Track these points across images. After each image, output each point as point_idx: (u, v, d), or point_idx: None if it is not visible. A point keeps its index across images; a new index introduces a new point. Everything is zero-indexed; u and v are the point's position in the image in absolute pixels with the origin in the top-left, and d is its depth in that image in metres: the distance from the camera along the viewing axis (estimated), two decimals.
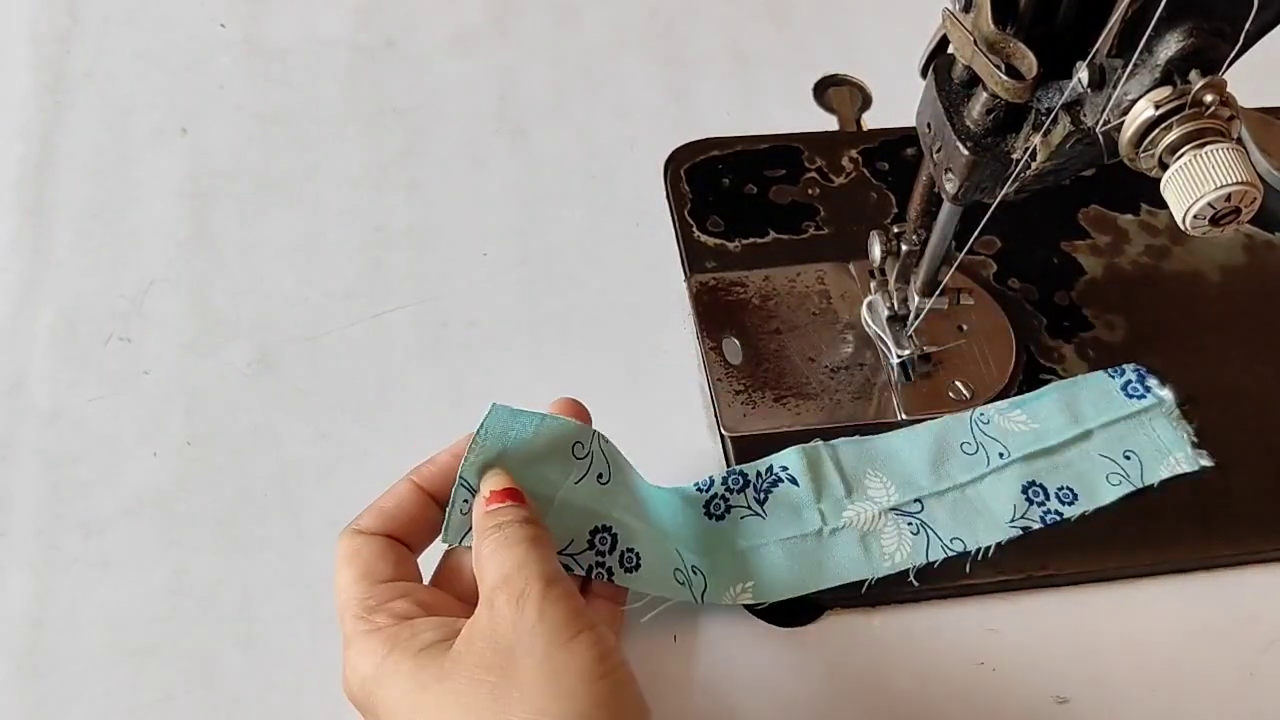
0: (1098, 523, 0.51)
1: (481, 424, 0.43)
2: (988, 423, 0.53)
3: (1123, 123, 0.38)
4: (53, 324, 0.55)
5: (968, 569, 0.50)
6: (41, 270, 0.56)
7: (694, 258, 0.58)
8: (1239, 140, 0.37)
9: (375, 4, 0.68)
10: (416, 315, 0.57)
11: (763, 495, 0.50)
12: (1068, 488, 0.51)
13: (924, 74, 0.45)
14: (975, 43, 0.40)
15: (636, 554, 0.45)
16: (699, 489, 0.50)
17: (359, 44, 0.66)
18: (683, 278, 0.58)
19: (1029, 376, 0.55)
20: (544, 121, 0.64)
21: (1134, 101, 0.37)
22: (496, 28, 0.68)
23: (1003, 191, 0.44)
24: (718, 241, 0.59)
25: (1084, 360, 0.56)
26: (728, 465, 0.52)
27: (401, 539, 0.43)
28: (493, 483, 0.43)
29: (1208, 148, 0.36)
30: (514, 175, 0.62)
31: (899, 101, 0.64)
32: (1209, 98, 0.36)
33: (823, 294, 0.57)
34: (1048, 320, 0.57)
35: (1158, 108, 0.37)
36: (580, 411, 0.46)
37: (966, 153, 0.43)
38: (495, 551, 0.40)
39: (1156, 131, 0.37)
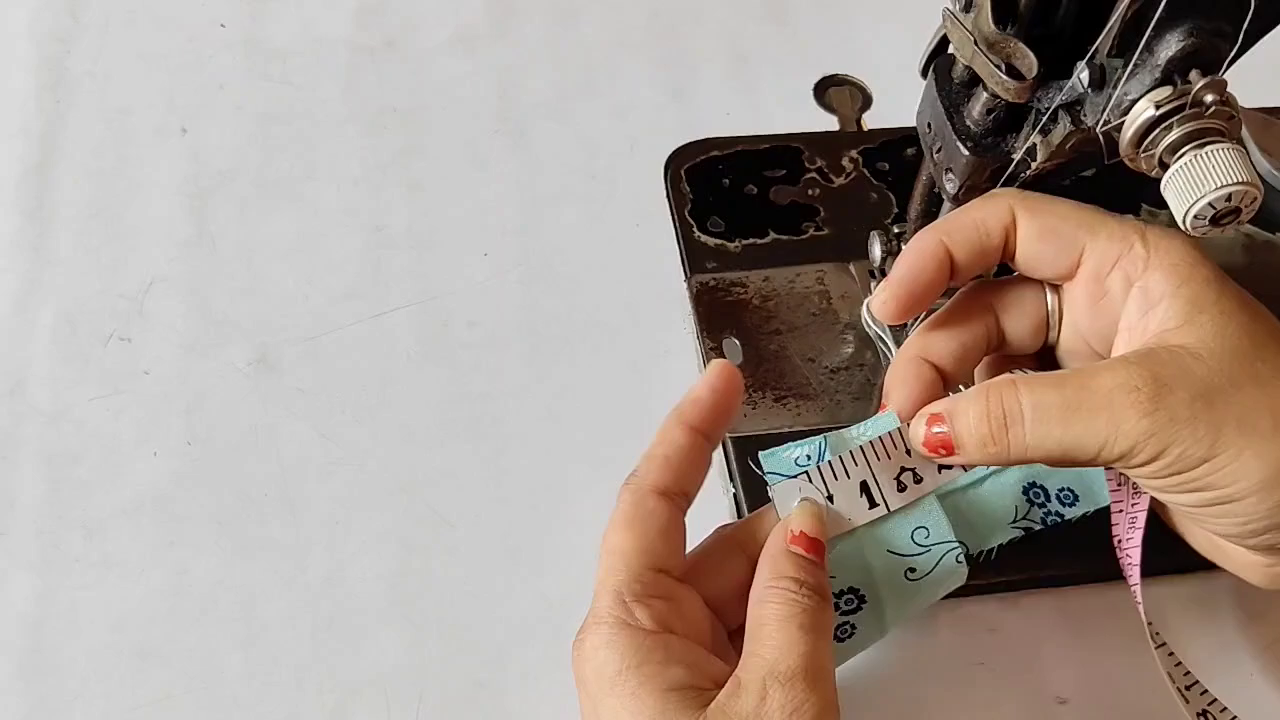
0: (1098, 523, 0.51)
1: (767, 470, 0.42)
2: None
3: (1123, 123, 0.38)
4: (53, 324, 0.55)
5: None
6: (41, 270, 0.56)
7: (694, 258, 0.58)
8: (1239, 140, 0.37)
9: (375, 4, 0.68)
10: (416, 315, 0.57)
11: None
12: (1068, 489, 0.50)
13: (924, 74, 0.45)
14: (975, 43, 0.40)
15: (853, 628, 0.43)
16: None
17: (359, 44, 0.66)
18: (683, 278, 0.58)
19: None
20: (544, 121, 0.64)
21: (1134, 101, 0.37)
22: (496, 28, 0.68)
23: None
24: (718, 241, 0.59)
25: None
26: (728, 466, 0.52)
27: (680, 490, 0.41)
28: (804, 522, 0.40)
29: (1208, 148, 0.36)
30: (514, 175, 0.62)
31: (899, 101, 0.64)
32: (1209, 98, 0.36)
33: (823, 294, 0.57)
34: None
35: (1158, 108, 0.37)
36: (732, 381, 0.43)
37: (967, 153, 0.43)
38: (781, 625, 0.38)
39: (1157, 131, 0.37)
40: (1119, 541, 0.45)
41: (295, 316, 0.56)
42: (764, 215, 0.60)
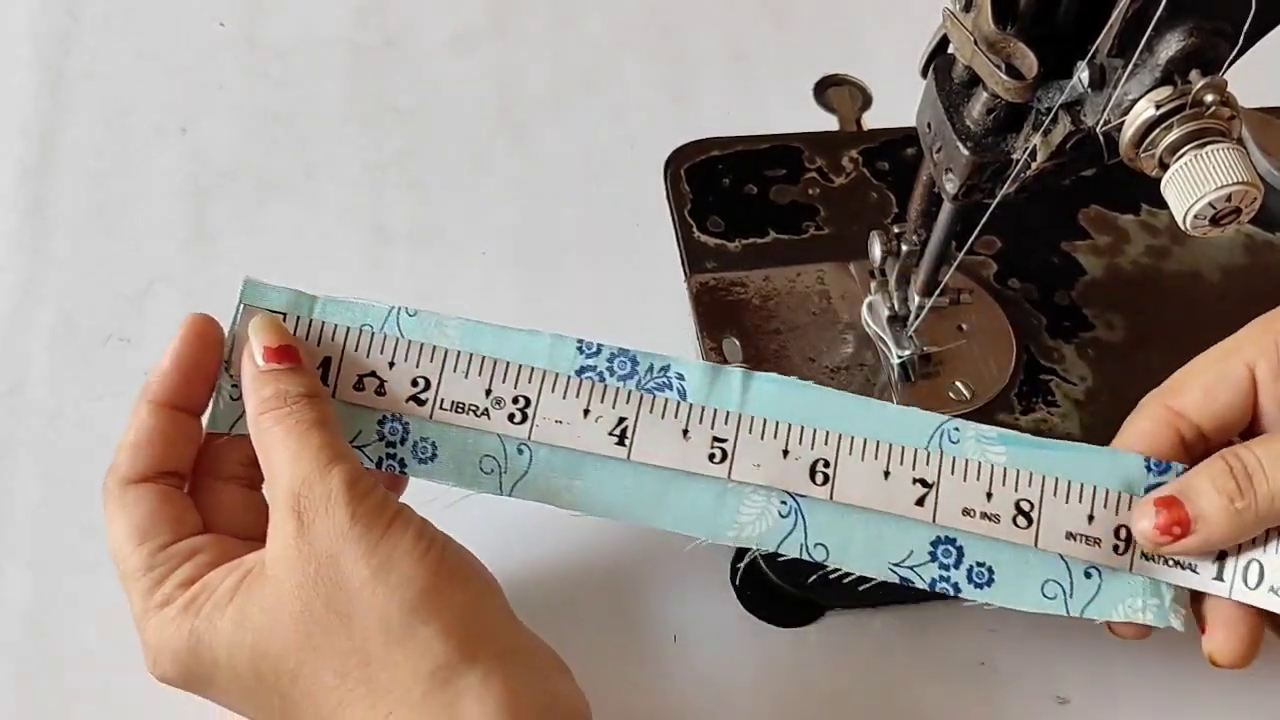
0: None
1: (239, 301, 0.42)
2: (956, 442, 0.43)
3: (1123, 122, 0.38)
4: (53, 324, 0.55)
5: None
6: (41, 270, 0.56)
7: (694, 258, 0.58)
8: (1240, 140, 0.37)
9: (375, 4, 0.68)
10: None
11: (643, 395, 0.43)
12: (988, 567, 0.42)
13: (924, 74, 0.44)
14: (975, 42, 0.40)
15: (432, 443, 0.42)
16: (580, 349, 0.44)
17: (359, 44, 0.66)
18: (683, 278, 0.58)
19: (1029, 376, 0.55)
20: (544, 121, 0.64)
21: (1134, 101, 0.37)
22: (496, 28, 0.68)
23: (1003, 191, 0.44)
24: (718, 241, 0.59)
25: (1083, 360, 0.56)
26: None
27: (169, 469, 0.41)
28: (268, 335, 0.40)
29: (1208, 147, 0.36)
30: (514, 175, 0.62)
31: (899, 101, 0.64)
32: (1210, 97, 0.36)
33: (823, 294, 0.57)
34: (1048, 320, 0.57)
35: (1158, 107, 0.37)
36: (210, 331, 0.42)
37: (967, 153, 0.43)
38: (284, 442, 0.38)
39: (1157, 131, 0.37)
40: None
41: None
42: (764, 215, 0.60)
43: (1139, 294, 0.59)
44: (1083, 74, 0.39)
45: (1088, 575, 0.42)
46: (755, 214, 0.60)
